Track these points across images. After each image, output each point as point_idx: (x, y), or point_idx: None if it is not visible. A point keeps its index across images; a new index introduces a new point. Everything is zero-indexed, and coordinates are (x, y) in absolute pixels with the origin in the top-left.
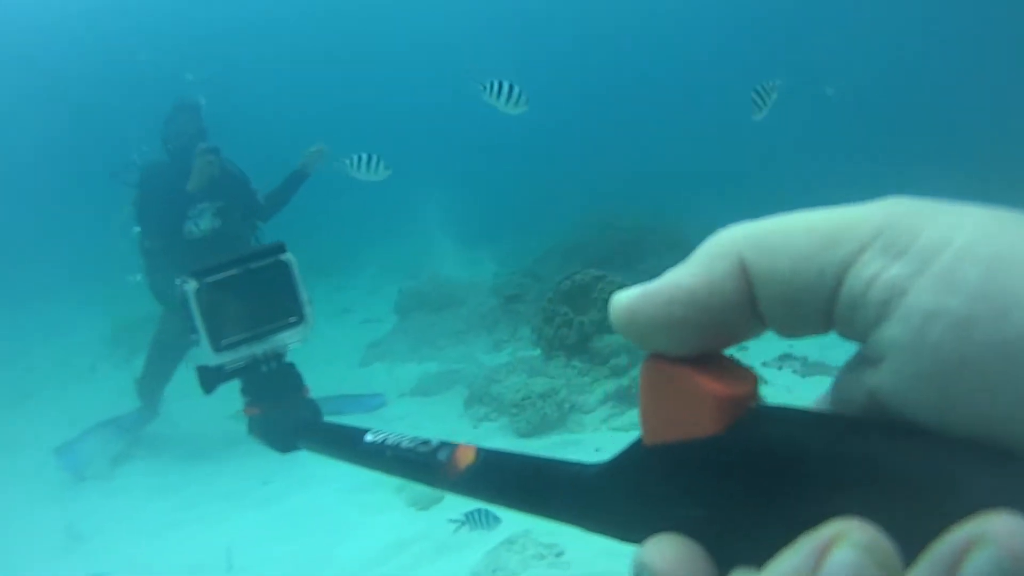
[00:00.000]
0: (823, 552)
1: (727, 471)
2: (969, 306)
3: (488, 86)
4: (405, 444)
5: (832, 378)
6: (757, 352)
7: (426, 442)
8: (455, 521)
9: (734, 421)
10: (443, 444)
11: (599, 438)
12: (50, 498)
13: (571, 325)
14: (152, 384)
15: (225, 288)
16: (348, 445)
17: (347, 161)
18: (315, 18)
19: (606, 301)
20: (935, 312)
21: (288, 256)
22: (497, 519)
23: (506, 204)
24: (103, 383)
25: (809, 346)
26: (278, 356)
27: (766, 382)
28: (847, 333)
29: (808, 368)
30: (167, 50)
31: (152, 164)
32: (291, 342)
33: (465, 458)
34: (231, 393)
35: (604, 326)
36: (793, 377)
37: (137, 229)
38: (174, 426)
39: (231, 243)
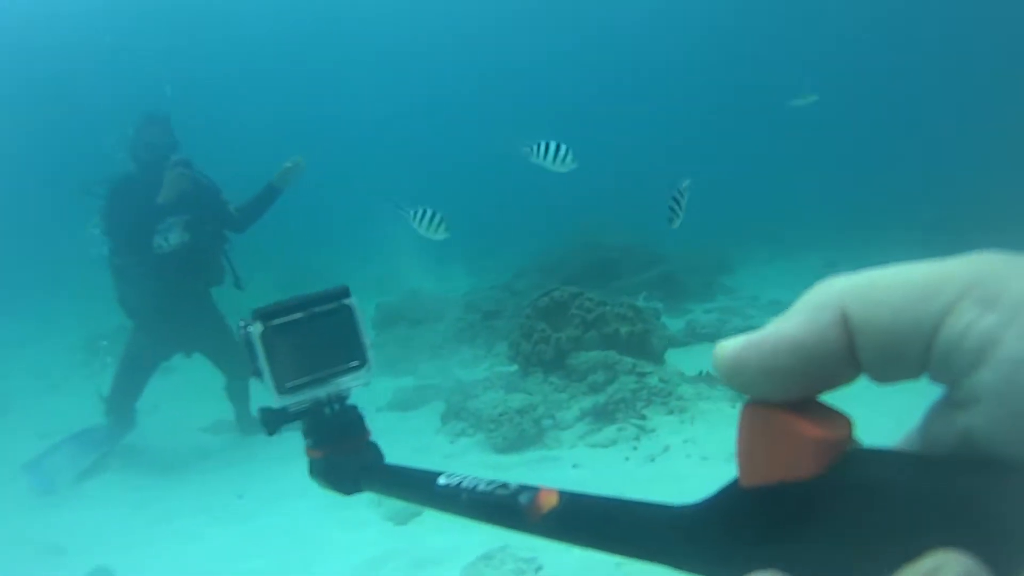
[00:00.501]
0: None
1: (826, 511)
2: None
3: (535, 148)
4: (482, 488)
5: None
6: None
7: (504, 485)
8: None
9: (832, 463)
10: (523, 487)
11: (577, 454)
12: (22, 512)
13: (548, 341)
14: (122, 400)
15: (289, 331)
16: (421, 488)
17: (410, 212)
18: (296, 28)
19: (583, 318)
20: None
21: (352, 300)
22: None
23: (482, 220)
24: (76, 394)
25: None
26: (341, 399)
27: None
28: (940, 378)
29: None
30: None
31: (121, 177)
32: (354, 385)
33: (548, 502)
34: (201, 405)
35: (581, 343)
36: None
37: (96, 231)
38: (146, 439)
39: (201, 257)
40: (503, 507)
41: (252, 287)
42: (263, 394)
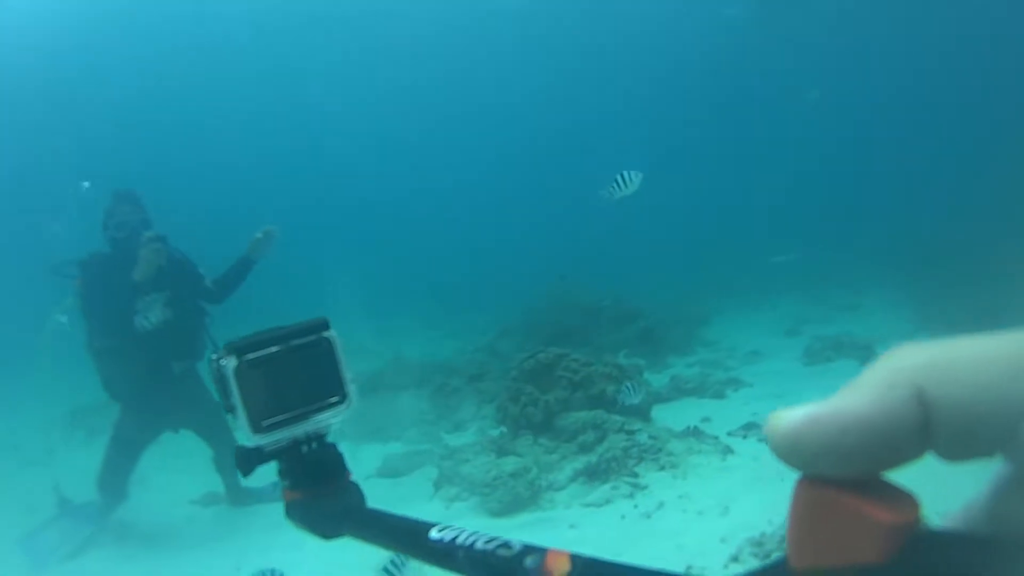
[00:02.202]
0: None
1: None
2: None
3: (615, 185)
4: (480, 545)
5: None
6: (721, 422)
7: (507, 544)
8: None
9: (899, 549)
10: (528, 548)
11: (572, 515)
12: None
13: (537, 403)
14: (113, 479)
15: (266, 365)
16: (410, 539)
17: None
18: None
19: (570, 379)
20: None
21: (331, 333)
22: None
23: (461, 282)
24: (60, 467)
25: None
26: (319, 437)
27: (733, 452)
28: (1018, 458)
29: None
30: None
31: (93, 257)
32: (333, 422)
33: (558, 566)
34: (189, 476)
35: (569, 403)
36: (759, 446)
37: (64, 319)
38: (138, 512)
39: (183, 334)
40: (506, 571)
41: None
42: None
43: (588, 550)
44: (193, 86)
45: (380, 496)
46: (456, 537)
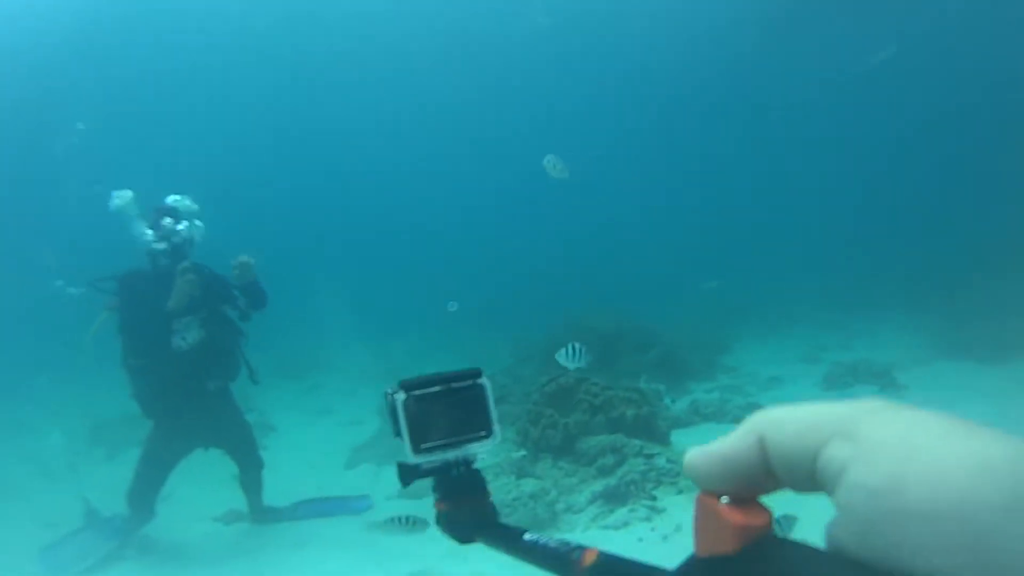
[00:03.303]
0: None
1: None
2: (881, 482)
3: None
4: (552, 544)
5: None
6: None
7: (567, 543)
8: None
9: (747, 544)
10: (578, 547)
11: (590, 536)
12: None
13: (557, 426)
14: (143, 494)
15: (428, 401)
16: (511, 541)
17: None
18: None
19: (590, 402)
20: (859, 484)
21: (484, 380)
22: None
23: (484, 306)
24: (82, 482)
25: None
26: (467, 463)
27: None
28: (827, 492)
29: None
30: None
31: (131, 274)
32: (480, 452)
33: (590, 558)
34: (213, 493)
35: (589, 427)
36: None
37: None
38: (161, 529)
39: (217, 354)
40: (563, 560)
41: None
42: (272, 487)
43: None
44: (221, 104)
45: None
46: (538, 540)
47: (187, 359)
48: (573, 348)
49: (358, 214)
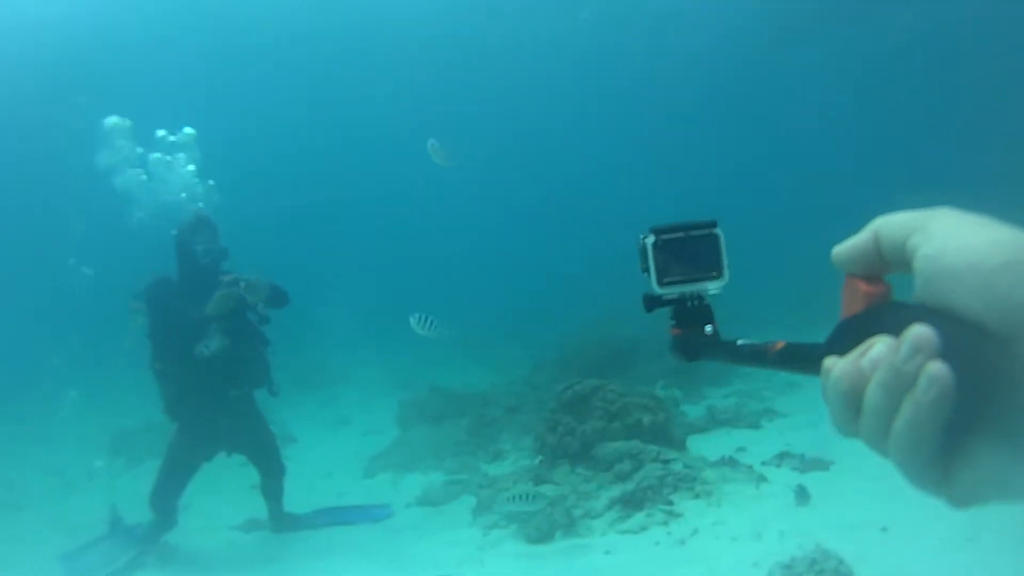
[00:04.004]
0: (909, 332)
1: (868, 323)
2: (933, 254)
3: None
4: (755, 344)
5: (827, 471)
6: (756, 451)
7: (764, 341)
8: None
9: (870, 306)
10: (771, 341)
11: (608, 541)
12: None
13: (574, 433)
14: (166, 496)
15: (672, 244)
16: (727, 351)
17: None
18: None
19: (607, 409)
20: (924, 256)
21: (718, 231)
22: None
23: (497, 315)
24: (102, 492)
25: (806, 443)
26: (700, 298)
27: (767, 481)
28: (911, 267)
29: (806, 464)
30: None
31: (160, 281)
32: (711, 289)
33: (779, 346)
34: (232, 502)
35: (607, 433)
36: (792, 473)
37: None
38: (181, 537)
39: (240, 362)
40: (761, 352)
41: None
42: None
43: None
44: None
45: (420, 524)
46: (747, 342)
47: (209, 366)
48: (424, 317)
49: (374, 223)
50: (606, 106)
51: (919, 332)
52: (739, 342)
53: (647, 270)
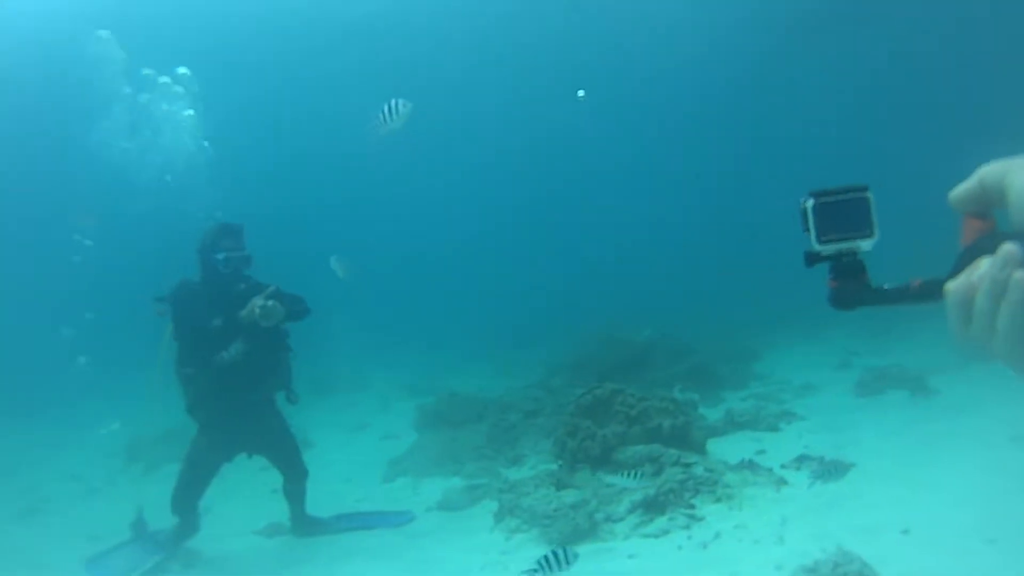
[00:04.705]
0: (1001, 249)
1: (978, 247)
2: (1017, 188)
3: (382, 116)
4: (901, 284)
5: (847, 473)
6: (775, 454)
7: (910, 280)
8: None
9: (983, 235)
10: (912, 279)
11: (630, 545)
12: None
13: (594, 438)
14: (187, 497)
15: (830, 206)
16: (878, 296)
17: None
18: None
19: (626, 413)
20: (1014, 191)
21: (868, 194)
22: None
23: (509, 319)
24: (120, 498)
25: (825, 445)
26: (853, 253)
27: (787, 484)
28: (1007, 204)
29: (825, 467)
30: None
31: (184, 284)
32: (863, 247)
33: (919, 282)
34: (252, 506)
35: (627, 437)
36: (811, 476)
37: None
38: (203, 542)
39: (261, 367)
40: (905, 289)
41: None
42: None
43: None
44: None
45: (440, 529)
46: (894, 285)
47: (229, 371)
48: (340, 257)
49: (390, 228)
50: (619, 109)
51: (1008, 249)
52: (885, 286)
53: (807, 230)
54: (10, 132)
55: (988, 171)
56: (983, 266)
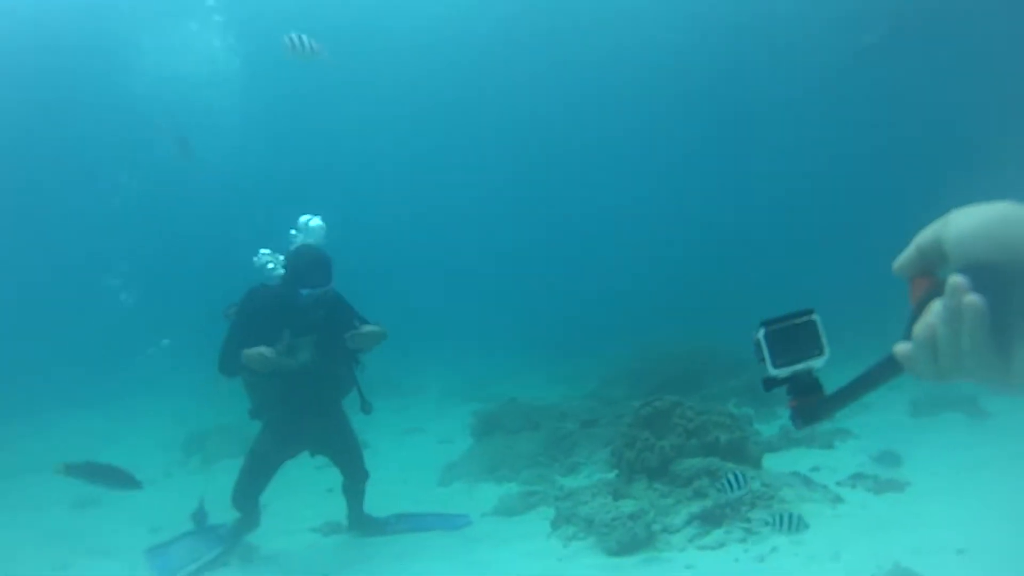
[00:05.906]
0: (948, 282)
1: (926, 301)
2: (954, 233)
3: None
4: (847, 382)
5: (902, 492)
6: (829, 471)
7: (859, 373)
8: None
9: (928, 289)
10: (860, 374)
11: (687, 556)
12: None
13: (652, 449)
14: (248, 493)
15: (780, 333)
16: (838, 400)
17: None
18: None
19: (685, 426)
20: (949, 238)
21: (815, 317)
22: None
23: (563, 328)
24: (177, 490)
25: (880, 464)
26: (809, 372)
27: (843, 501)
28: (945, 251)
29: (880, 485)
30: None
31: (257, 289)
32: (816, 365)
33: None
34: (309, 504)
35: (685, 450)
36: (867, 496)
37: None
38: (261, 538)
39: (327, 377)
40: (858, 386)
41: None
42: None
43: None
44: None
45: (497, 533)
46: (849, 381)
47: (295, 378)
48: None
49: (445, 235)
50: (682, 119)
51: (954, 279)
52: (838, 389)
53: (762, 360)
54: None
55: (922, 235)
56: (935, 305)
